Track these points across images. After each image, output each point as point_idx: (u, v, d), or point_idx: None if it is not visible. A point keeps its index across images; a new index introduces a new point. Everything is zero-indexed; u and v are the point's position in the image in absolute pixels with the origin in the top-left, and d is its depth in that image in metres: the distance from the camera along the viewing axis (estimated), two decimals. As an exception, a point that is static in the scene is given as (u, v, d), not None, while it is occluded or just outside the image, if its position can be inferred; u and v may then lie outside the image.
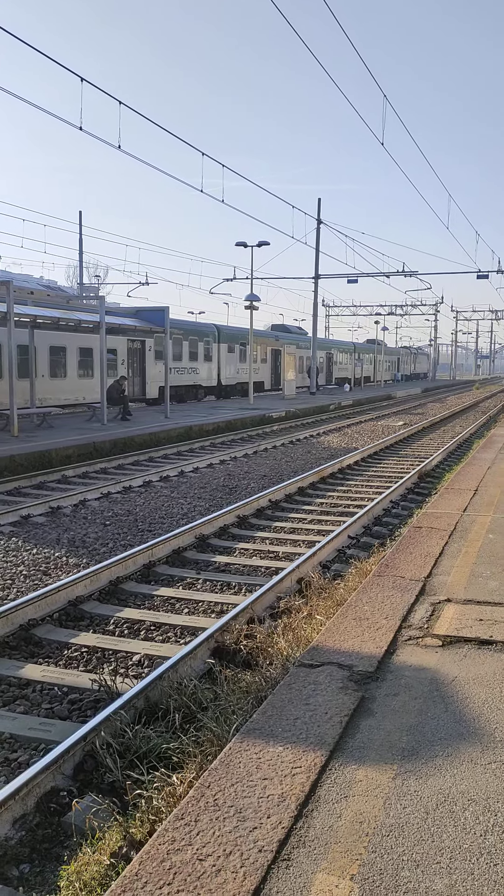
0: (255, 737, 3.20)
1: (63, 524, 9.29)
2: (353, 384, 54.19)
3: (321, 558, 7.47)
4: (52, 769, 3.42)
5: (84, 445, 15.26)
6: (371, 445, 17.10)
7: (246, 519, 9.47)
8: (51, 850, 3.13)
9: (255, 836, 2.53)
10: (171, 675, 4.41)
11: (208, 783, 2.85)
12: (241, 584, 6.85)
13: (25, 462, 13.48)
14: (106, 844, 2.90)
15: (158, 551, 7.58)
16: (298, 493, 11.52)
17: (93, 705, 4.39)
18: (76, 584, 6.30)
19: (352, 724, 3.32)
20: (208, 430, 20.28)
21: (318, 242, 37.88)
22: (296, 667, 3.97)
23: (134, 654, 5.17)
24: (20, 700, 4.52)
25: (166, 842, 2.51)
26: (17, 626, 5.49)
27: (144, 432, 17.71)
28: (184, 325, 32.51)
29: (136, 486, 12.01)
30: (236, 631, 5.14)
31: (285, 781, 2.86)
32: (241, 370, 36.94)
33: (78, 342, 24.25)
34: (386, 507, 10.24)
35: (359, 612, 4.84)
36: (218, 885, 2.29)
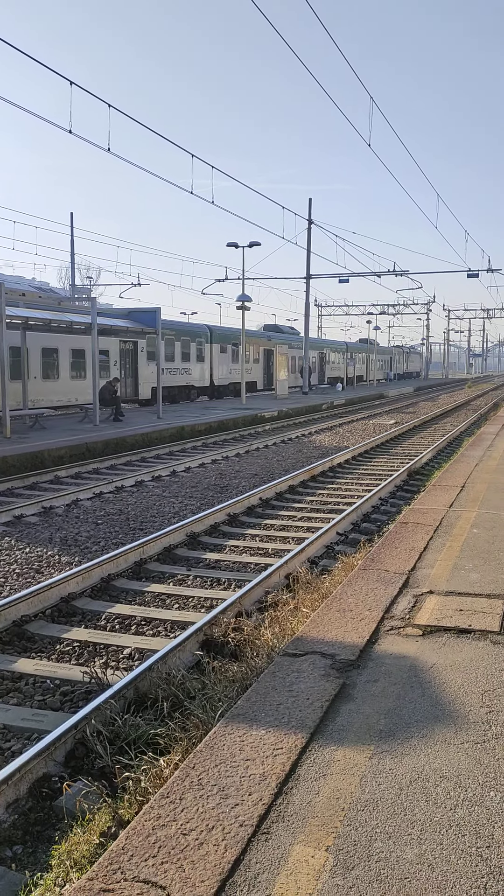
0: (239, 721, 3.32)
1: (55, 523, 9.39)
2: (346, 383, 54.38)
3: (310, 554, 7.60)
4: (44, 756, 3.54)
5: (76, 446, 15.35)
6: (362, 444, 17.25)
7: (237, 517, 9.60)
8: (43, 832, 3.26)
9: (237, 812, 2.66)
10: (161, 666, 4.54)
11: (193, 764, 2.98)
12: (230, 580, 6.98)
13: (18, 463, 13.57)
14: (95, 825, 3.02)
15: (150, 549, 7.70)
16: (289, 491, 11.65)
17: (84, 696, 4.51)
18: (68, 581, 6.41)
19: (332, 708, 3.46)
20: (201, 430, 20.40)
21: (309, 242, 38.06)
22: (280, 656, 4.10)
23: (125, 648, 5.29)
24: (13, 692, 4.63)
25: (152, 818, 2.64)
26: (10, 622, 5.60)
27: (137, 433, 17.81)
28: (176, 326, 32.62)
29: (128, 486, 12.12)
30: (224, 624, 5.27)
31: (267, 762, 2.99)
32: (234, 370, 37.06)
33: (70, 343, 24.33)
34: (375, 504, 10.38)
35: (343, 604, 4.97)
36: (200, 856, 2.42)
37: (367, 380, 63.76)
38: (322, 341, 55.62)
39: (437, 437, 19.91)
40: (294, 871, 2.35)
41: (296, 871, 2.35)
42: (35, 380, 22.42)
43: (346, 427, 23.31)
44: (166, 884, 2.30)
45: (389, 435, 19.77)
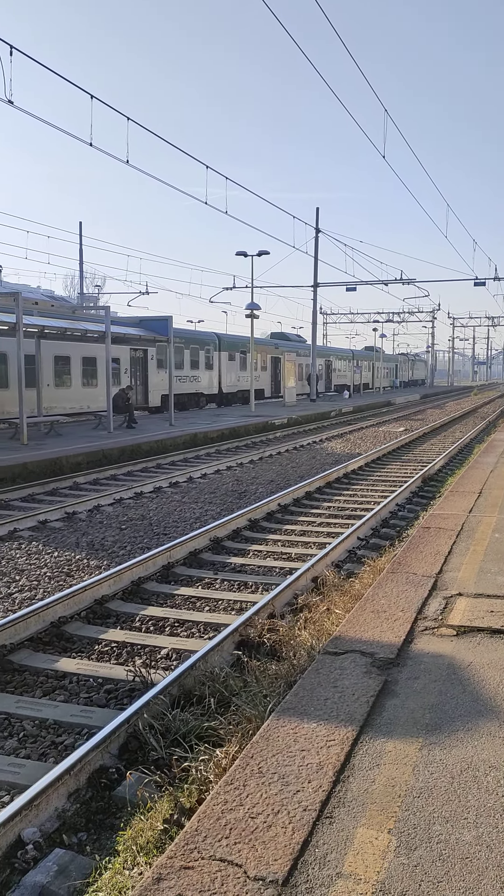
0: (290, 715, 3.47)
1: (80, 528, 9.56)
2: (353, 391, 54.56)
3: (333, 558, 7.75)
4: (101, 748, 3.69)
5: (93, 453, 15.53)
6: (374, 451, 17.39)
7: (257, 522, 9.75)
8: (104, 820, 3.40)
9: (299, 798, 2.81)
10: (202, 664, 4.68)
11: (252, 754, 3.13)
12: (257, 583, 7.13)
13: (37, 469, 13.75)
14: (158, 812, 3.16)
15: (176, 553, 7.85)
16: (306, 497, 11.80)
17: (128, 694, 4.66)
18: (101, 584, 6.57)
19: (378, 703, 3.60)
20: (213, 437, 20.57)
21: (316, 251, 38.32)
22: (321, 654, 4.25)
23: (162, 649, 5.44)
24: (59, 690, 4.79)
25: (219, 803, 2.78)
26: (48, 624, 5.76)
27: (151, 440, 17.99)
28: (185, 334, 32.86)
29: (147, 492, 12.28)
30: (259, 625, 5.42)
31: (321, 752, 3.14)
32: (242, 378, 37.27)
33: (82, 352, 24.56)
34: (392, 510, 10.53)
35: (376, 605, 5.12)
36: (270, 837, 2.56)
37: (374, 387, 63.93)
38: (329, 349, 55.85)
39: (447, 444, 20.04)
40: (360, 851, 2.50)
41: (362, 852, 2.50)
42: (48, 387, 22.64)
43: (356, 434, 23.46)
44: (241, 862, 2.44)
45: (400, 442, 19.91)
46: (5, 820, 3.07)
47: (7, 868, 3.02)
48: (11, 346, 20.81)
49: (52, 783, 3.34)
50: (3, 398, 21.29)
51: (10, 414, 20.99)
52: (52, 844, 3.18)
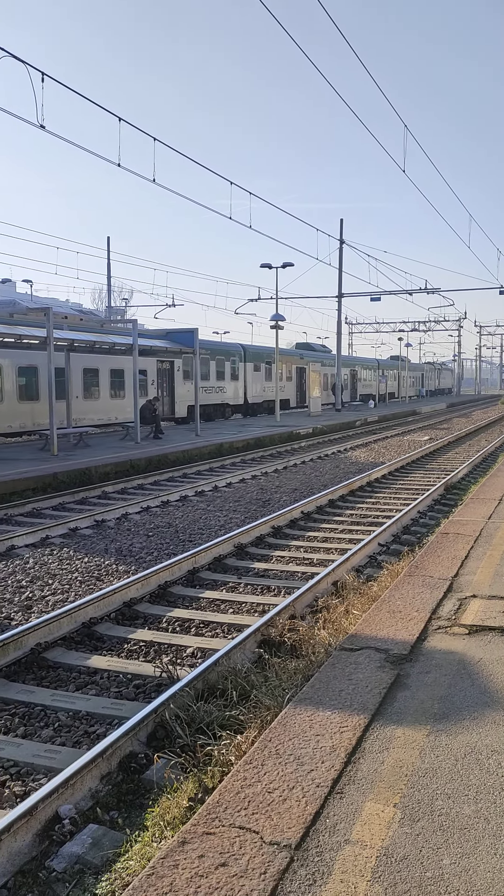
0: (306, 704, 3.71)
1: (109, 535, 9.88)
2: (378, 400, 54.55)
3: (354, 563, 7.95)
4: (130, 735, 3.96)
5: (121, 463, 15.91)
6: (398, 460, 17.53)
7: (281, 529, 9.99)
8: (134, 800, 3.66)
9: (313, 776, 3.05)
10: (225, 661, 4.94)
11: (270, 738, 3.37)
12: (279, 587, 7.37)
13: (67, 479, 14.15)
14: (184, 792, 3.42)
15: (201, 559, 8.12)
16: (329, 505, 12.01)
17: (155, 689, 4.92)
18: (129, 587, 6.86)
19: (390, 694, 3.82)
20: (238, 446, 20.87)
21: (340, 262, 38.58)
22: (337, 651, 4.48)
23: (187, 647, 5.70)
24: (90, 685, 5.07)
25: (239, 780, 3.03)
26: (80, 624, 6.06)
27: (177, 450, 18.33)
28: (211, 346, 33.28)
29: (173, 501, 12.59)
30: (280, 625, 5.66)
31: (335, 737, 3.37)
32: (267, 388, 37.57)
33: (109, 364, 25.06)
34: (413, 517, 10.69)
35: (392, 606, 5.33)
36: (285, 809, 2.81)
37: (399, 397, 63.81)
38: (353, 359, 55.95)
39: (472, 453, 20.08)
40: (368, 822, 2.73)
41: (369, 822, 2.73)
42: (77, 399, 23.14)
43: (380, 443, 23.58)
44: (258, 829, 2.69)
45: (424, 451, 20.01)
46: (44, 797, 3.35)
47: (46, 840, 3.30)
48: (41, 359, 21.40)
49: (86, 765, 3.62)
50: (34, 410, 21.84)
51: (41, 425, 21.54)
52: (86, 821, 3.44)
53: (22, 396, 21.58)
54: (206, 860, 2.51)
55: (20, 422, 21.58)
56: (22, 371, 21.56)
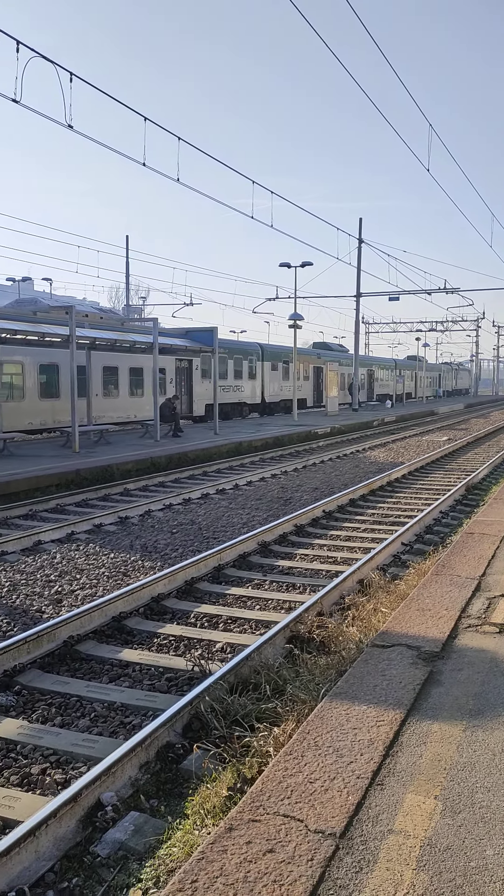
0: (341, 699, 3.77)
1: (133, 532, 9.98)
2: (395, 400, 54.42)
3: (379, 562, 7.99)
4: (167, 726, 4.04)
5: (142, 461, 16.03)
6: (417, 460, 17.52)
7: (303, 528, 10.04)
8: (172, 789, 3.74)
9: (353, 768, 3.10)
10: (256, 656, 5.00)
11: (308, 730, 3.43)
12: (305, 585, 7.42)
13: (89, 476, 14.29)
14: (222, 781, 3.49)
15: (226, 556, 8.20)
16: (350, 504, 12.04)
17: (187, 682, 5.00)
18: (157, 583, 6.94)
19: (424, 691, 3.87)
20: (257, 445, 20.93)
21: (359, 261, 38.52)
22: (369, 647, 4.53)
23: (217, 643, 5.78)
24: (123, 677, 5.16)
25: (280, 770, 3.10)
26: (110, 618, 6.15)
27: (197, 448, 18.43)
28: (229, 345, 33.37)
29: (195, 498, 12.68)
30: (309, 622, 5.72)
31: (372, 730, 3.42)
32: (285, 387, 37.60)
33: (129, 362, 25.23)
34: (436, 517, 10.70)
35: (421, 604, 5.38)
36: (328, 799, 2.87)
37: (416, 397, 63.59)
38: (371, 358, 55.84)
39: (491, 454, 20.02)
40: (410, 813, 2.78)
41: (411, 813, 2.78)
42: (97, 397, 23.32)
43: (399, 443, 23.55)
44: (303, 818, 2.75)
45: (443, 451, 19.97)
46: (87, 783, 3.43)
47: (89, 826, 3.38)
48: (61, 357, 21.59)
49: (126, 754, 3.70)
50: (55, 407, 22.04)
51: (61, 422, 21.74)
52: (127, 808, 3.52)
53: (43, 394, 21.79)
54: (254, 846, 2.57)
55: (41, 419, 21.79)
56: (43, 369, 21.77)
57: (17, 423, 20.42)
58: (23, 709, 4.72)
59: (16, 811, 3.53)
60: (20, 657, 5.26)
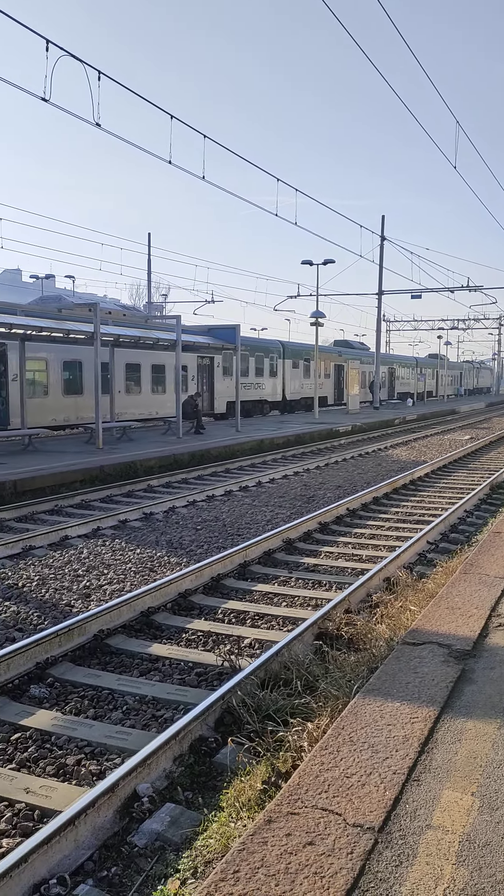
0: (374, 695, 3.78)
1: (158, 528, 10.06)
2: (416, 399, 54.12)
3: (405, 560, 7.98)
4: (200, 720, 4.08)
5: (165, 457, 16.11)
6: (440, 458, 17.43)
7: (327, 525, 10.05)
8: (206, 782, 3.78)
9: (389, 763, 3.12)
10: (286, 652, 5.03)
11: (342, 726, 3.45)
12: (331, 582, 7.43)
13: (113, 472, 14.40)
14: (256, 775, 3.52)
15: (251, 552, 8.23)
16: (374, 502, 12.02)
17: (217, 677, 5.04)
18: (184, 579, 6.99)
19: (457, 688, 3.88)
20: (279, 443, 20.95)
21: (381, 258, 38.34)
22: (400, 645, 4.54)
23: (245, 638, 5.81)
24: (153, 671, 5.21)
25: (316, 764, 3.12)
26: (139, 613, 6.21)
27: (219, 445, 18.49)
28: (250, 342, 33.38)
29: (218, 495, 12.73)
30: (337, 619, 5.74)
31: (406, 727, 3.44)
32: (306, 385, 37.56)
33: (151, 359, 25.35)
34: (461, 516, 10.65)
35: (450, 602, 5.37)
36: (365, 794, 2.89)
37: (437, 395, 63.20)
38: (392, 356, 55.56)
39: (515, 453, 19.85)
40: (447, 809, 2.79)
41: (448, 809, 2.79)
42: (120, 394, 23.46)
43: (421, 442, 23.44)
44: (341, 811, 2.77)
45: (466, 450, 19.84)
46: (124, 774, 3.48)
47: (126, 817, 3.43)
48: (84, 354, 21.76)
49: (161, 746, 3.74)
50: (78, 404, 22.22)
51: (84, 419, 21.92)
52: (163, 800, 3.57)
53: (66, 390, 21.97)
54: (294, 839, 2.60)
55: (65, 415, 21.98)
56: (66, 365, 21.94)
57: (42, 419, 20.61)
58: (56, 700, 4.79)
59: (52, 801, 3.60)
60: (52, 650, 5.34)
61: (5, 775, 3.84)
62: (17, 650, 5.09)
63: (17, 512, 10.95)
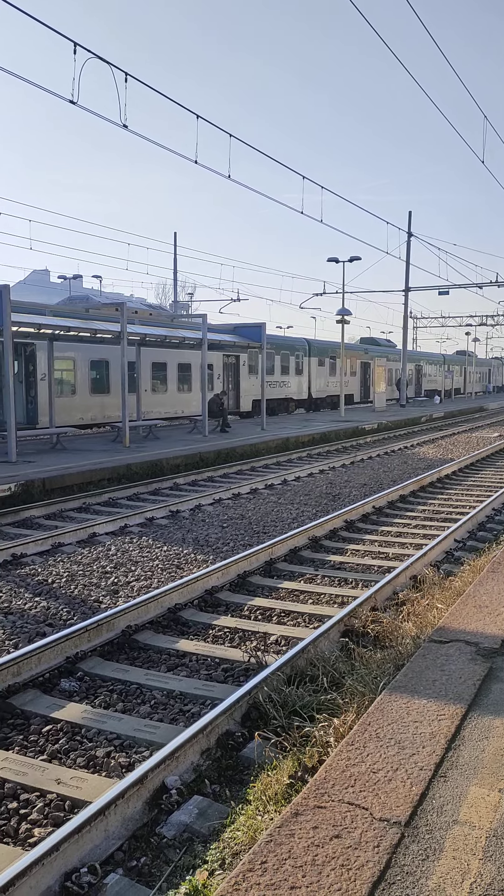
0: (401, 692, 3.79)
1: (185, 525, 10.13)
2: (443, 396, 53.65)
3: (431, 558, 7.95)
4: (227, 714, 4.12)
5: (190, 455, 16.20)
6: (467, 456, 17.28)
7: (353, 523, 10.04)
8: (233, 776, 3.83)
9: (415, 760, 3.13)
10: (312, 648, 5.05)
11: (368, 722, 3.47)
12: (357, 580, 7.43)
13: (140, 470, 14.52)
14: (283, 770, 3.55)
15: (277, 550, 8.26)
16: (400, 500, 11.98)
17: (243, 673, 5.08)
18: (210, 576, 7.05)
19: (484, 686, 3.87)
20: (304, 441, 20.94)
21: (408, 255, 38.08)
22: (427, 642, 4.54)
23: (271, 635, 5.85)
24: (180, 667, 5.27)
25: (343, 759, 3.14)
26: (166, 609, 6.28)
27: (244, 443, 18.54)
28: (276, 340, 33.38)
29: (244, 493, 12.78)
30: (363, 616, 5.74)
31: (433, 724, 3.44)
32: (331, 383, 37.47)
33: (177, 358, 25.48)
34: (489, 514, 10.57)
35: (478, 601, 5.35)
36: (391, 789, 2.90)
37: (465, 392, 62.60)
38: (419, 354, 55.15)
39: (544, 451, 19.61)
40: (474, 805, 2.80)
41: (476, 805, 2.80)
42: (146, 393, 23.63)
43: (448, 440, 23.26)
44: (367, 806, 2.79)
45: (494, 448, 19.65)
46: (152, 766, 3.53)
47: (155, 808, 3.48)
48: (111, 353, 21.97)
49: (189, 739, 3.79)
50: (104, 403, 22.44)
51: (110, 418, 22.13)
52: (191, 792, 3.62)
53: (94, 390, 22.19)
54: (320, 831, 2.63)
55: (92, 414, 22.21)
56: (94, 365, 22.17)
57: (69, 418, 20.86)
58: (86, 694, 4.87)
59: (83, 791, 3.66)
60: (81, 645, 5.42)
61: (37, 766, 3.92)
62: (47, 645, 5.18)
63: (47, 510, 11.10)
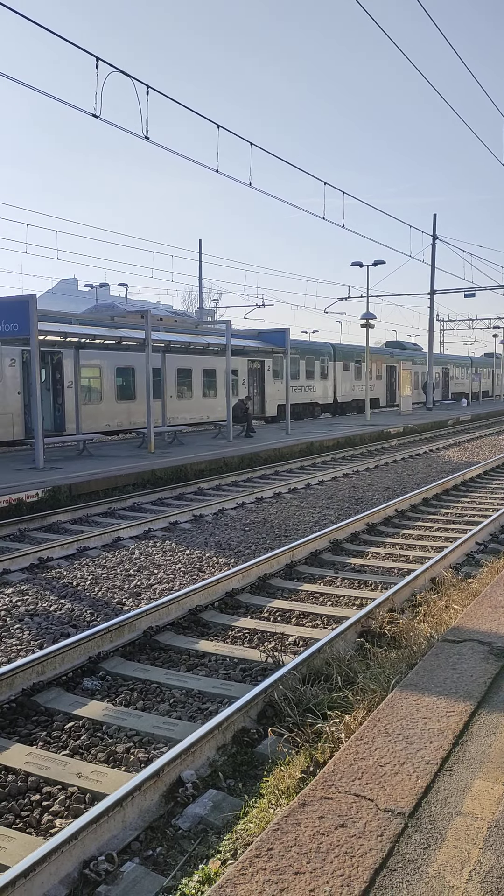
0: (411, 689, 3.86)
1: (207, 529, 10.26)
2: (471, 399, 53.18)
3: (451, 561, 7.97)
4: (243, 712, 4.22)
5: (215, 460, 16.35)
6: (493, 459, 17.18)
7: (375, 526, 10.08)
8: (248, 771, 3.92)
9: (422, 754, 3.20)
10: (328, 649, 5.14)
11: (378, 718, 3.55)
12: (376, 582, 7.49)
13: (164, 475, 14.70)
14: (296, 765, 3.64)
15: (298, 553, 8.34)
16: (423, 503, 11.97)
17: (261, 673, 5.18)
18: (231, 578, 7.16)
19: (495, 684, 3.92)
20: (328, 445, 20.97)
21: (433, 258, 37.91)
22: (440, 642, 4.60)
23: (289, 636, 5.94)
24: (200, 667, 5.39)
25: (351, 753, 3.23)
26: (186, 611, 6.40)
27: (269, 448, 18.64)
28: (301, 345, 33.45)
29: (267, 497, 12.88)
30: (380, 617, 5.81)
31: (442, 720, 3.51)
32: (357, 387, 37.41)
33: (202, 364, 25.70)
34: (512, 517, 10.52)
35: (494, 601, 5.38)
36: (397, 781, 2.98)
37: (494, 395, 61.97)
38: (445, 356, 54.74)
39: None
40: (478, 797, 2.87)
41: (479, 797, 2.87)
42: (171, 399, 23.87)
43: (474, 443, 23.11)
44: (373, 797, 2.88)
45: (521, 450, 19.48)
46: (169, 761, 3.65)
47: (171, 801, 3.60)
48: (136, 360, 22.26)
49: (205, 735, 3.90)
50: (130, 409, 22.72)
51: (136, 424, 22.41)
52: (206, 786, 3.73)
53: (119, 396, 22.49)
54: (326, 821, 2.72)
55: (118, 420, 22.49)
56: (119, 372, 22.46)
57: (96, 424, 21.16)
58: (107, 693, 5.01)
59: (103, 785, 3.79)
60: (104, 645, 5.57)
61: (59, 761, 4.06)
62: (71, 644, 5.33)
63: (73, 514, 11.32)
